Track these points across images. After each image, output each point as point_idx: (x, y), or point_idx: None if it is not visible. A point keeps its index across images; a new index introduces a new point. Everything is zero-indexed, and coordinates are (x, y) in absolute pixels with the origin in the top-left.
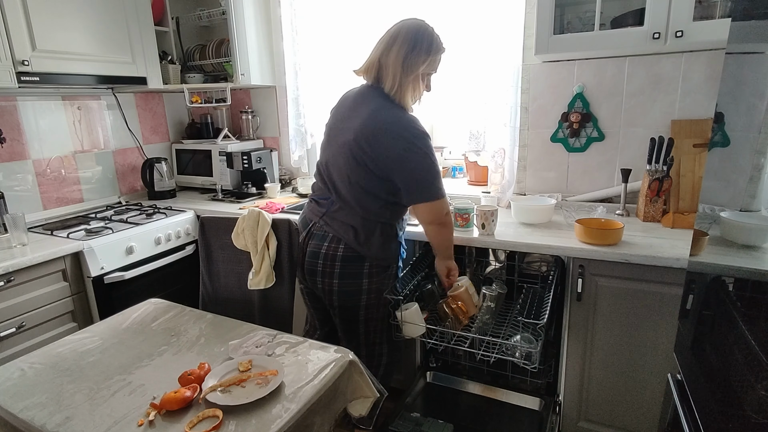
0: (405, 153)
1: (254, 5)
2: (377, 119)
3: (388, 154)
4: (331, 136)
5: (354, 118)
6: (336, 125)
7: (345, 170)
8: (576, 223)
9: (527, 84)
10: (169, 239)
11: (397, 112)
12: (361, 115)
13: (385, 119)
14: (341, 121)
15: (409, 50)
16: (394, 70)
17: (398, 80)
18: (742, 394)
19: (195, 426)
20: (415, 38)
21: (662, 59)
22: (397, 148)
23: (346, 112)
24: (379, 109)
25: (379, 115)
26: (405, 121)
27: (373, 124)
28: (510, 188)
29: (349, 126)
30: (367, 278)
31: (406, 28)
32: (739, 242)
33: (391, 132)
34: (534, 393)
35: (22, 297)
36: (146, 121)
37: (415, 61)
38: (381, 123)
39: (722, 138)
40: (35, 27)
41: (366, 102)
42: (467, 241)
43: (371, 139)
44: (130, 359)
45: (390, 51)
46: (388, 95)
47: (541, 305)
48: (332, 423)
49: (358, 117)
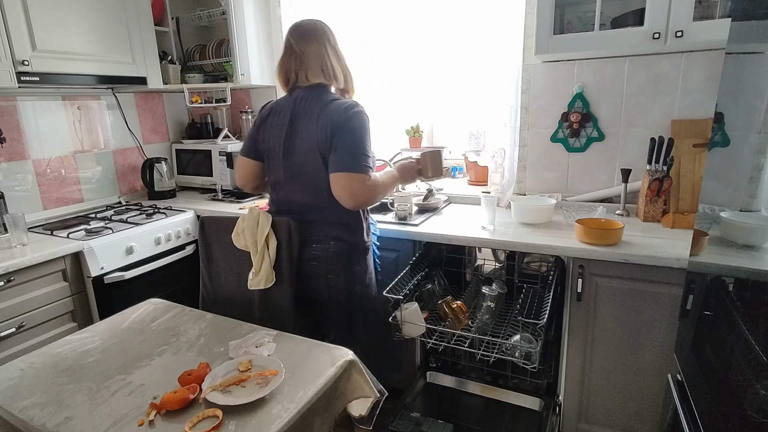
0: (343, 123)
1: (254, 5)
2: (329, 108)
3: (334, 129)
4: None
5: (304, 120)
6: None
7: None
8: (576, 223)
9: (527, 84)
10: (169, 239)
11: (338, 98)
12: (311, 114)
13: (336, 106)
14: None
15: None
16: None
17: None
18: (742, 394)
19: (195, 426)
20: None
21: (662, 59)
22: (339, 122)
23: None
24: (326, 105)
25: (329, 105)
26: (347, 102)
27: (327, 114)
28: (510, 188)
29: (302, 128)
30: (356, 264)
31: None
32: (739, 242)
33: (336, 111)
34: (534, 393)
35: (22, 297)
36: (146, 121)
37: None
38: (332, 109)
39: (722, 138)
40: (35, 27)
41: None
42: (467, 241)
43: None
44: (130, 359)
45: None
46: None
47: (541, 305)
48: (332, 423)
49: (308, 117)
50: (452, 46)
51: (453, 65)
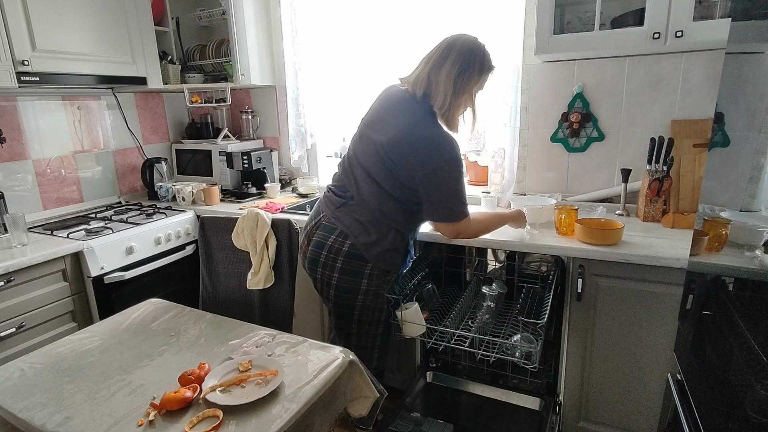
0: (434, 172)
1: (254, 5)
2: (413, 134)
3: (418, 168)
4: (364, 132)
5: (391, 123)
6: (371, 122)
7: (371, 169)
8: (576, 223)
9: (527, 84)
10: (169, 239)
11: (435, 129)
12: (398, 122)
13: (421, 136)
14: (377, 121)
15: (463, 69)
16: (445, 88)
17: (449, 99)
18: (742, 394)
19: (195, 426)
20: (468, 56)
21: (662, 59)
22: (427, 167)
23: (385, 113)
24: (417, 123)
25: (416, 130)
26: (440, 141)
27: (407, 138)
28: (510, 188)
29: (384, 128)
30: (366, 279)
31: (459, 45)
32: (739, 242)
33: (425, 150)
34: (534, 393)
35: (22, 297)
36: (146, 121)
37: (467, 80)
38: (416, 139)
39: (722, 138)
40: (35, 27)
41: (408, 111)
42: (467, 241)
43: (403, 151)
44: (130, 359)
45: (442, 68)
46: (430, 110)
47: (541, 305)
48: (332, 423)
49: (395, 123)
50: None
51: None
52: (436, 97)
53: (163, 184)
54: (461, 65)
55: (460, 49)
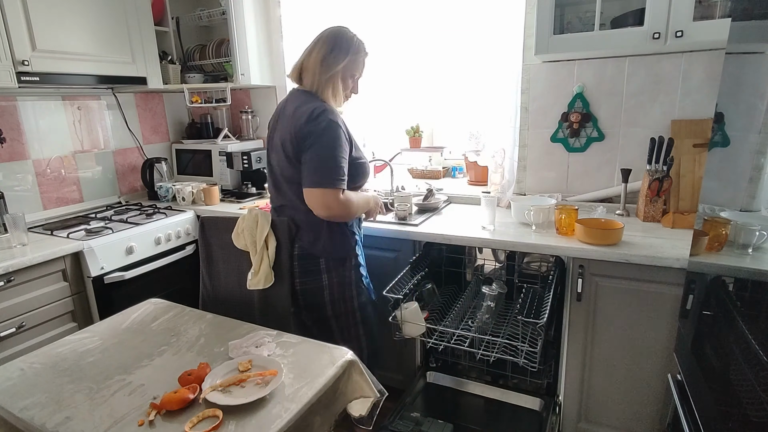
0: (314, 137)
1: (254, 5)
2: (297, 112)
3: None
4: (270, 142)
5: (282, 119)
6: (272, 131)
7: (284, 170)
8: (576, 223)
9: (527, 84)
10: (169, 239)
11: (312, 102)
12: (287, 114)
13: (303, 111)
14: (275, 128)
15: (327, 51)
16: (313, 69)
17: (317, 78)
18: (742, 394)
19: (195, 426)
20: (333, 41)
21: (662, 59)
22: (310, 134)
23: (279, 117)
24: (300, 105)
25: (299, 109)
26: (318, 110)
27: (294, 118)
28: (510, 188)
29: (280, 127)
30: (325, 273)
31: (326, 33)
32: (739, 242)
33: (305, 120)
34: (534, 393)
35: (22, 297)
36: (146, 121)
37: (333, 60)
38: (300, 114)
39: (722, 138)
40: (35, 27)
41: (291, 102)
42: (467, 241)
43: (294, 131)
44: (130, 359)
45: (311, 53)
46: (309, 92)
47: (541, 305)
48: (332, 423)
49: (284, 117)
50: (452, 46)
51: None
52: (306, 79)
53: (163, 184)
54: (327, 48)
55: (328, 36)
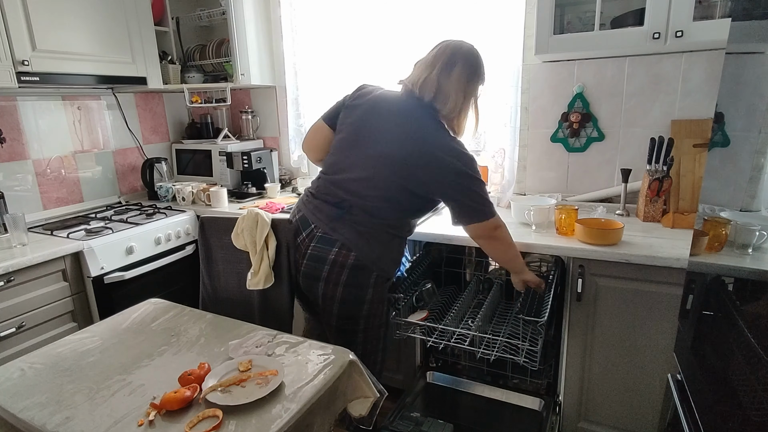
0: (456, 179)
1: (254, 5)
2: (428, 143)
3: (438, 179)
4: (360, 140)
5: (397, 133)
6: (370, 131)
7: (377, 181)
8: (576, 223)
9: (527, 84)
10: (169, 239)
11: (447, 137)
12: (408, 132)
13: (437, 145)
14: (378, 130)
15: (471, 75)
16: (456, 94)
17: (459, 105)
18: (742, 394)
19: (195, 426)
20: (475, 64)
21: (662, 59)
22: (449, 176)
23: (385, 122)
24: (430, 133)
25: (430, 138)
26: (455, 147)
27: (423, 149)
28: (510, 188)
29: (390, 138)
30: (372, 288)
31: (465, 51)
32: (739, 242)
33: (443, 159)
34: (534, 393)
35: (22, 297)
36: (146, 121)
37: (474, 86)
38: (433, 149)
39: (722, 138)
40: (35, 27)
41: (414, 119)
42: (467, 241)
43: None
44: (130, 359)
45: (451, 73)
46: (435, 116)
47: (541, 305)
48: (332, 423)
49: (403, 134)
50: None
51: None
52: (446, 102)
53: (163, 184)
54: (470, 71)
55: (467, 56)
